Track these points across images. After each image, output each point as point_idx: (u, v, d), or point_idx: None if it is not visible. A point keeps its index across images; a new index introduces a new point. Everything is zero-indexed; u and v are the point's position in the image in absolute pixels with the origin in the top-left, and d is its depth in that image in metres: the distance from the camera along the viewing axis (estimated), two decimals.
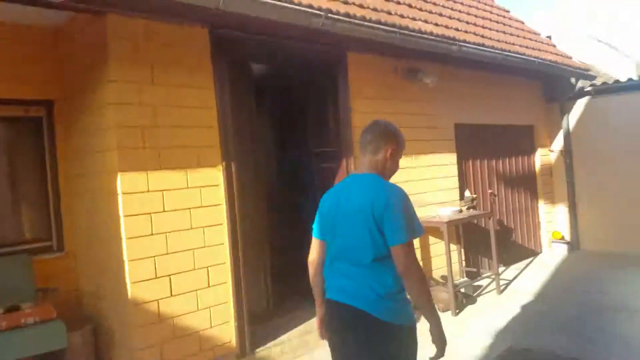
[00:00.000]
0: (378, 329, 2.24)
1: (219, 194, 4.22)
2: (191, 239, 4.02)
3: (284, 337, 4.73)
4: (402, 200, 2.31)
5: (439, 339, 2.40)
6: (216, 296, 4.17)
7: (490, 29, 7.00)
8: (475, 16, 7.26)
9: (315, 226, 2.64)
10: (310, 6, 4.10)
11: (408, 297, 2.34)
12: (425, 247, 6.15)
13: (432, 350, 2.38)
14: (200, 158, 4.09)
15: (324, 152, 5.52)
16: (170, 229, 3.89)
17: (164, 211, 3.85)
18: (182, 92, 4.00)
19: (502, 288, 6.35)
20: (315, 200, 5.58)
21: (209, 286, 4.12)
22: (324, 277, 2.53)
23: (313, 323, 4.88)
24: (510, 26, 8.02)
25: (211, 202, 4.16)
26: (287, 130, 6.11)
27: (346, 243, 2.36)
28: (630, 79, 7.95)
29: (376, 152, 2.48)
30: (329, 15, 4.25)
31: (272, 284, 5.27)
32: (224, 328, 4.22)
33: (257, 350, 4.46)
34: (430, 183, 6.28)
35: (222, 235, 4.23)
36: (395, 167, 2.59)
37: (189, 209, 4.01)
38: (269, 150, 6.29)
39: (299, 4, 4.01)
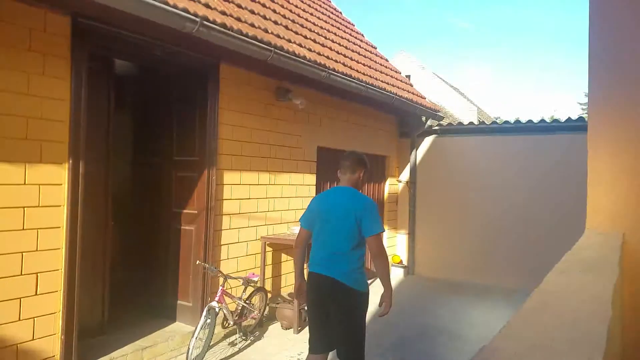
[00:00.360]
0: (347, 293, 3.32)
1: (61, 195, 3.85)
2: (22, 241, 3.59)
3: (116, 353, 4.44)
4: (373, 207, 3.39)
5: (389, 300, 3.38)
6: (44, 306, 3.77)
7: (357, 62, 7.45)
8: (346, 47, 7.67)
9: (303, 219, 3.64)
10: (186, 10, 3.98)
11: (364, 271, 3.44)
12: (277, 264, 6.25)
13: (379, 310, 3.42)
14: (44, 153, 3.69)
15: (185, 160, 5.34)
16: None
17: None
18: (32, 79, 3.59)
19: None
20: (170, 209, 5.42)
21: (36, 294, 3.71)
22: (308, 257, 3.56)
23: (150, 338, 4.74)
24: (375, 62, 8.61)
25: (51, 202, 3.77)
26: (149, 135, 5.78)
27: (331, 236, 3.39)
28: (471, 123, 9.01)
29: (353, 173, 3.53)
30: (205, 22, 4.16)
31: (110, 296, 4.92)
32: (49, 341, 3.82)
33: None
34: (289, 201, 6.43)
35: (58, 239, 3.85)
36: (363, 184, 3.61)
37: (24, 207, 3.59)
38: (126, 154, 5.91)
39: (174, 6, 3.86)
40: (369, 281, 3.71)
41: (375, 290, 3.63)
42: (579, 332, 0.67)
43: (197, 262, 5.00)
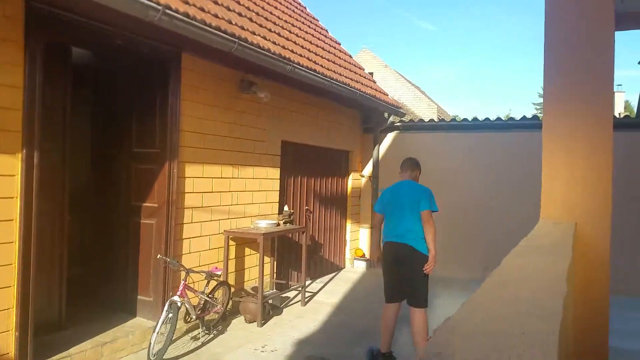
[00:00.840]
0: (417, 256, 4.53)
1: (14, 186, 3.70)
2: None
3: (74, 349, 4.32)
4: (428, 192, 4.66)
5: (434, 260, 4.58)
6: None
7: (322, 57, 7.47)
8: (310, 42, 7.68)
9: (378, 207, 4.91)
10: None
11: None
12: (240, 258, 6.21)
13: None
14: None
15: (146, 152, 5.23)
16: None
17: None
18: None
19: (306, 300, 6.73)
20: (129, 202, 5.30)
21: None
22: (382, 233, 4.79)
23: (110, 334, 4.64)
24: (339, 57, 8.66)
25: (3, 194, 3.62)
26: (108, 125, 5.62)
27: (404, 216, 4.57)
28: (432, 120, 9.18)
29: (412, 172, 4.96)
30: (167, 11, 4.08)
31: (68, 291, 4.77)
32: (3, 338, 3.68)
33: None
34: (252, 195, 6.39)
35: (11, 232, 3.70)
36: (418, 180, 4.97)
37: None
38: (84, 145, 5.73)
39: None
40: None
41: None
42: (538, 306, 0.71)
43: (158, 256, 4.91)
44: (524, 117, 8.37)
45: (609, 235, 1.90)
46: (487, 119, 8.58)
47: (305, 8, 9.76)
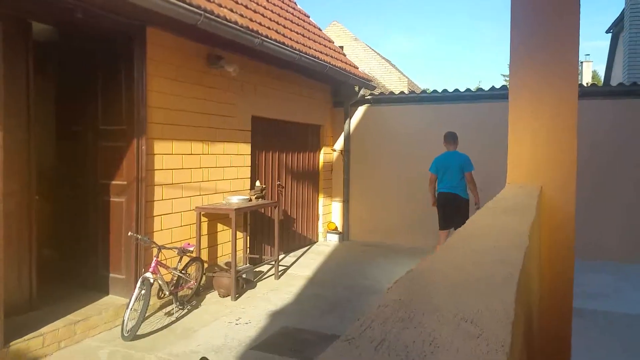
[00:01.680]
0: (462, 200, 6.67)
1: None
2: None
3: (46, 328, 4.29)
4: (468, 158, 6.67)
5: (478, 199, 6.62)
6: None
7: (290, 30, 7.39)
8: (278, 15, 7.57)
9: (432, 169, 6.88)
10: None
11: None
12: (212, 234, 6.21)
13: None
14: None
15: (112, 130, 5.12)
16: None
17: None
18: None
19: (280, 273, 6.80)
20: (97, 181, 5.21)
21: None
22: (437, 186, 6.84)
23: (83, 312, 4.63)
24: (308, 30, 8.57)
25: None
26: (73, 103, 5.46)
27: (451, 174, 6.66)
28: (402, 92, 9.23)
29: (456, 143, 6.87)
30: None
31: (38, 271, 4.70)
32: None
33: (12, 343, 3.96)
34: (224, 171, 6.36)
35: None
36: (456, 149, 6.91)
37: None
38: (48, 123, 5.57)
39: None
40: None
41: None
42: (500, 256, 0.75)
43: (129, 233, 4.87)
44: (492, 88, 8.50)
45: (574, 198, 1.99)
46: (456, 90, 8.68)
47: None
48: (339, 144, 9.51)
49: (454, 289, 0.59)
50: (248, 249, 6.95)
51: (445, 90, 8.78)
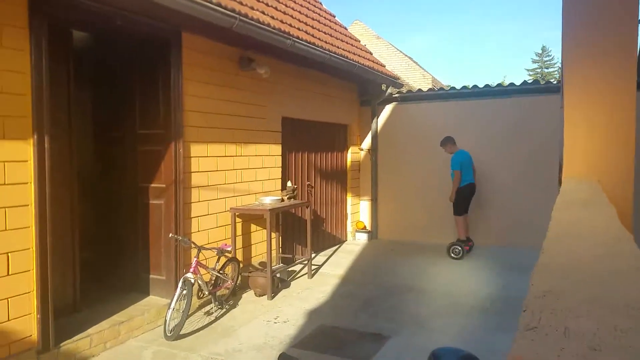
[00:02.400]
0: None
1: (27, 171, 3.71)
2: None
3: (92, 329, 4.40)
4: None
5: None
6: (17, 286, 3.68)
7: (319, 30, 7.42)
8: (306, 16, 7.61)
9: (457, 166, 7.83)
10: None
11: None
12: (246, 235, 6.28)
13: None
14: (7, 129, 3.54)
15: (150, 134, 5.22)
16: None
17: None
18: None
19: (313, 272, 6.84)
20: (136, 184, 5.32)
21: (8, 274, 3.61)
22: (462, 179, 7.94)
23: (126, 313, 4.72)
24: (335, 30, 8.59)
25: (17, 179, 3.64)
26: (111, 108, 5.58)
27: (468, 168, 7.94)
28: (430, 89, 9.17)
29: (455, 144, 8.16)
30: None
31: (81, 273, 4.83)
32: (25, 321, 3.75)
33: (62, 344, 4.08)
34: (256, 172, 6.43)
35: (27, 218, 3.73)
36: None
37: None
38: (87, 128, 5.71)
39: None
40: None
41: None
42: (614, 249, 0.76)
43: (170, 235, 4.96)
44: (524, 82, 8.40)
45: (631, 192, 1.96)
46: (487, 85, 8.60)
47: None
48: (367, 142, 9.51)
49: (598, 280, 0.60)
50: (280, 249, 7.01)
51: (475, 86, 8.70)
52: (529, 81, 8.44)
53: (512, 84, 8.51)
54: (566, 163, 2.10)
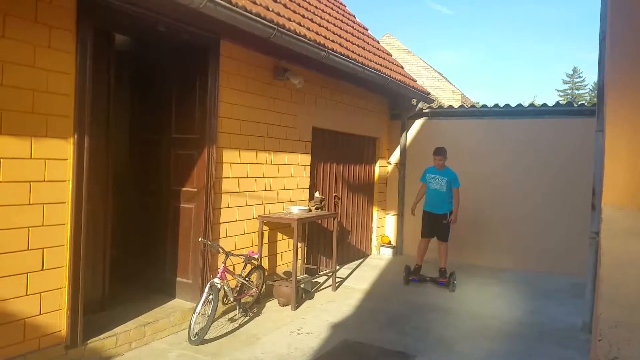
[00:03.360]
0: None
1: (66, 169, 3.81)
2: (28, 216, 3.56)
3: (119, 329, 4.45)
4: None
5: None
6: (50, 281, 3.76)
7: (352, 43, 7.46)
8: (340, 28, 7.67)
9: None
10: None
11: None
12: (273, 243, 6.29)
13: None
14: (49, 127, 3.65)
15: (185, 138, 5.31)
16: (4, 203, 3.40)
17: (0, 182, 3.36)
18: (38, 52, 3.53)
19: (337, 285, 6.81)
20: (169, 187, 5.40)
21: (42, 269, 3.69)
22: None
23: (152, 314, 4.77)
24: (368, 43, 8.63)
25: (56, 177, 3.73)
26: (148, 111, 5.71)
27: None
28: (462, 106, 9.12)
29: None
30: None
31: (110, 272, 4.91)
32: (55, 316, 3.82)
33: (89, 341, 4.14)
34: (285, 181, 6.46)
35: (64, 215, 3.82)
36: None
37: (30, 182, 3.55)
38: (124, 129, 5.84)
39: None
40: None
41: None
42: None
43: (200, 239, 5.02)
44: (557, 103, 8.28)
45: None
46: (519, 105, 8.49)
47: None
48: (395, 156, 9.47)
49: None
50: (305, 259, 7.00)
51: (507, 105, 8.60)
52: (562, 102, 8.29)
53: (545, 105, 8.38)
54: (606, 190, 2.05)
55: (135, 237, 5.78)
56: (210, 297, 4.70)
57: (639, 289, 0.76)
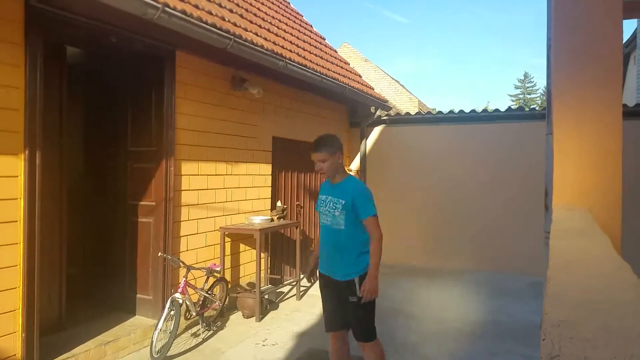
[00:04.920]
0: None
1: (17, 187, 3.68)
2: None
3: (78, 349, 4.32)
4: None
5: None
6: (3, 303, 3.61)
7: (310, 52, 7.52)
8: (297, 37, 7.72)
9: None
10: None
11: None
12: (235, 255, 6.24)
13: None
14: None
15: (142, 151, 5.22)
16: None
17: None
18: None
19: (301, 294, 6.80)
20: (126, 201, 5.28)
21: None
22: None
23: (112, 333, 4.66)
24: (325, 52, 8.71)
25: (7, 195, 3.60)
26: (102, 124, 5.57)
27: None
28: (418, 113, 9.33)
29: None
30: (166, 9, 4.08)
31: (67, 291, 4.76)
32: (9, 339, 3.67)
33: None
34: (246, 191, 6.43)
35: (16, 233, 3.68)
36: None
37: None
38: (78, 144, 5.68)
39: None
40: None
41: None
42: (614, 279, 0.79)
43: (159, 253, 4.92)
44: (509, 108, 8.58)
45: (619, 221, 2.02)
46: (473, 110, 8.76)
47: (289, 3, 9.79)
48: (355, 164, 9.57)
49: (607, 310, 0.63)
50: (269, 269, 6.97)
51: (461, 111, 8.86)
52: (514, 107, 8.61)
53: (497, 110, 8.68)
54: (556, 191, 2.15)
55: (93, 254, 5.63)
56: (172, 312, 4.62)
57: (584, 288, 0.81)
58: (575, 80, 2.28)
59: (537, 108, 9.15)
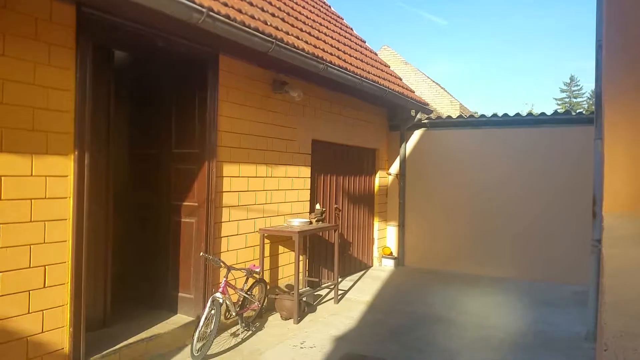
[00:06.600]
0: None
1: (67, 186, 3.81)
2: (29, 234, 3.56)
3: (122, 345, 4.43)
4: None
5: None
6: (52, 299, 3.74)
7: (350, 55, 7.51)
8: (338, 41, 7.72)
9: None
10: (192, 1, 3.98)
11: None
12: (274, 256, 6.28)
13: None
14: (50, 144, 3.66)
15: (185, 153, 5.32)
16: (5, 220, 3.40)
17: (1, 199, 3.36)
18: (38, 69, 3.55)
19: (339, 298, 6.77)
20: (169, 202, 5.39)
21: (44, 287, 3.68)
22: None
23: (154, 330, 4.74)
24: (365, 55, 8.68)
25: (57, 194, 3.73)
26: (147, 126, 5.72)
27: None
28: (460, 116, 9.15)
29: None
30: (211, 13, 4.16)
31: (111, 288, 4.90)
32: (57, 334, 3.79)
33: (92, 358, 4.11)
34: (285, 194, 6.46)
35: (65, 231, 3.81)
36: None
37: (31, 199, 3.55)
38: (123, 145, 5.85)
39: None
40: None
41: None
42: None
43: (201, 253, 5.00)
44: (555, 112, 8.31)
45: None
46: (517, 114, 8.53)
47: (330, 7, 9.81)
48: (395, 167, 9.48)
49: None
50: (307, 272, 6.98)
51: (505, 114, 8.63)
52: (560, 111, 8.32)
53: (543, 114, 8.41)
54: (607, 198, 2.05)
55: (136, 253, 5.76)
56: (213, 311, 4.67)
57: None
58: (628, 82, 2.17)
59: (583, 112, 8.82)
